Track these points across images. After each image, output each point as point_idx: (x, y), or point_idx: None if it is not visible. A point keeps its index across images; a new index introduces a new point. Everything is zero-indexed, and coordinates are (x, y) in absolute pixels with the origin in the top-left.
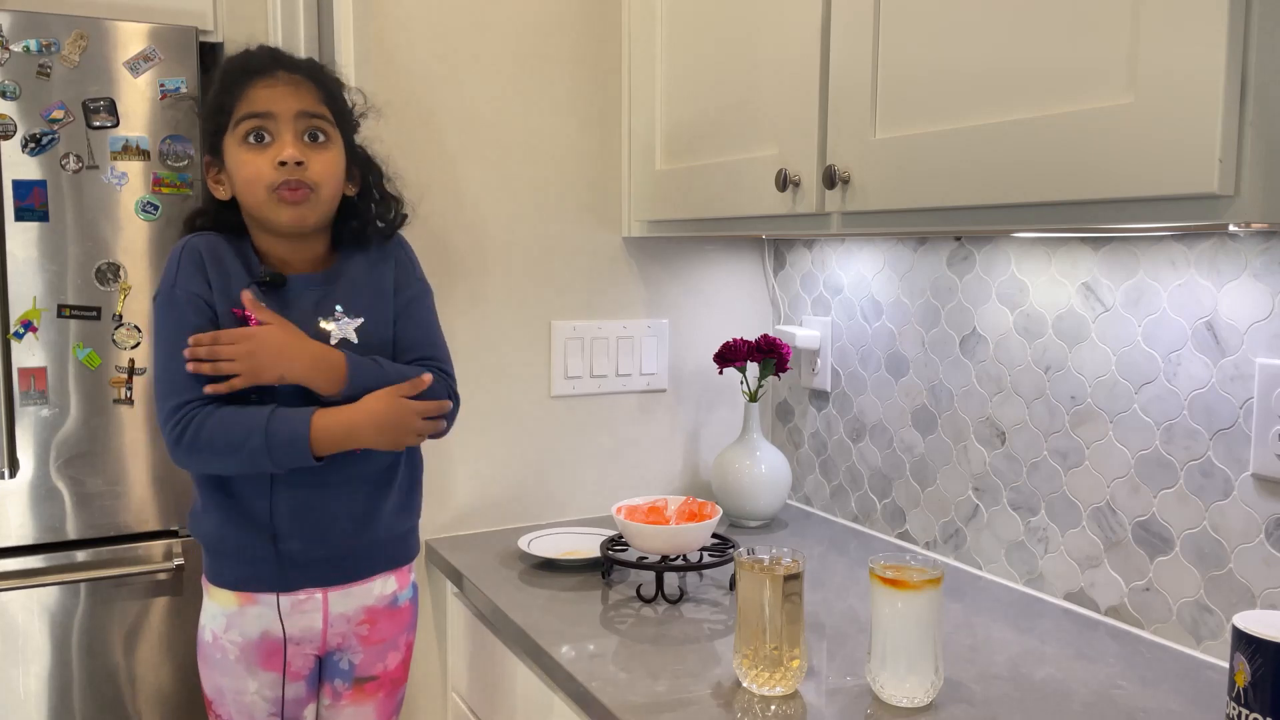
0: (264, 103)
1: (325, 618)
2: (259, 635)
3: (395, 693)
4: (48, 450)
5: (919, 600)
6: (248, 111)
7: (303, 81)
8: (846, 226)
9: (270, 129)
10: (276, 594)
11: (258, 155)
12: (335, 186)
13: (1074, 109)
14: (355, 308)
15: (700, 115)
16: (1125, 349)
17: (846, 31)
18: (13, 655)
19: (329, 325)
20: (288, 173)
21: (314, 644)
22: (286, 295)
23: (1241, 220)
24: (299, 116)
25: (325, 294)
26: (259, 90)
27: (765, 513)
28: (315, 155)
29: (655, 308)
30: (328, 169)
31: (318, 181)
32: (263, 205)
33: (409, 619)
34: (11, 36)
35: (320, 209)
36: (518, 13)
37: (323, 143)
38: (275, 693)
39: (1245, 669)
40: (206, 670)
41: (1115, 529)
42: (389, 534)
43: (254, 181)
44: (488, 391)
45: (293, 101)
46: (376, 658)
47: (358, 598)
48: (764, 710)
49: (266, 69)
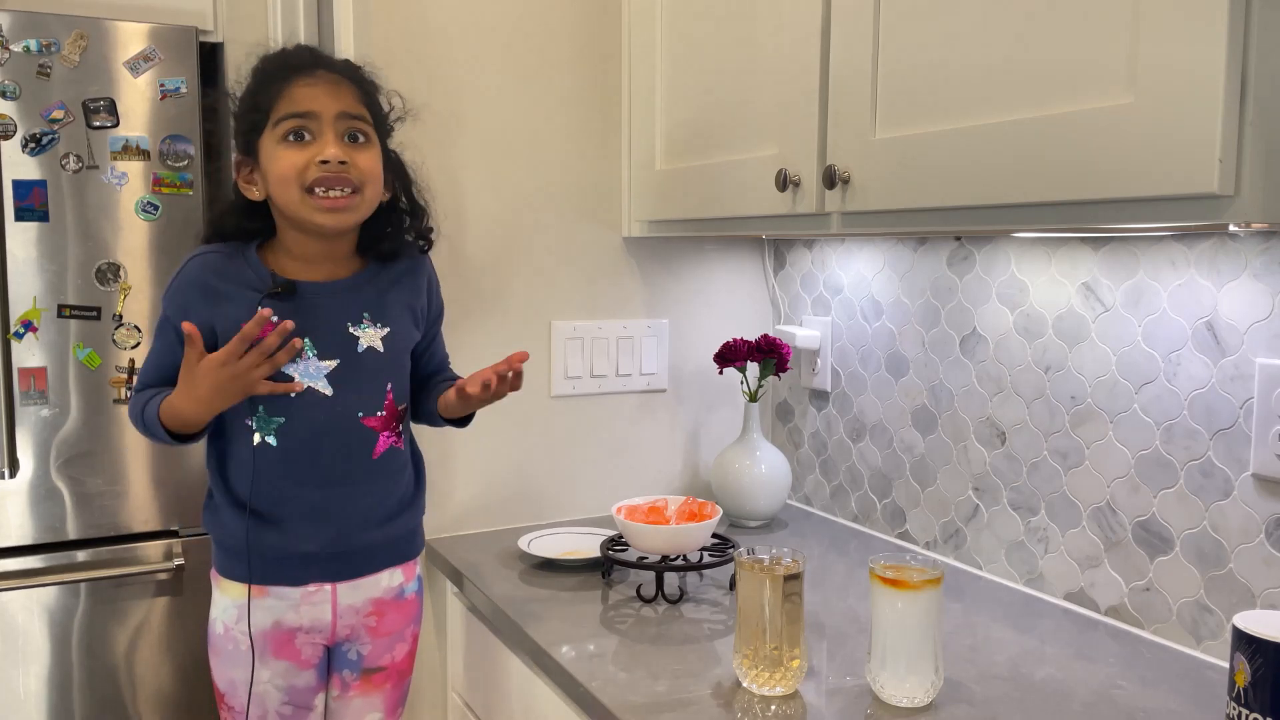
0: (306, 101)
1: (334, 609)
2: (270, 625)
3: (402, 684)
4: (48, 450)
5: (919, 600)
6: (289, 111)
7: (342, 81)
8: (846, 226)
9: (312, 128)
10: (286, 587)
11: (298, 152)
12: (378, 186)
13: (1074, 109)
14: (382, 318)
15: (700, 115)
16: (1125, 349)
17: (846, 31)
18: (13, 655)
19: (357, 331)
20: (330, 170)
21: (323, 634)
22: (315, 299)
23: (1241, 220)
24: (340, 117)
25: (352, 300)
26: (300, 89)
27: (765, 513)
28: (357, 154)
29: (655, 308)
30: (370, 167)
31: (361, 180)
32: (297, 205)
33: (415, 611)
34: (11, 36)
35: (362, 209)
36: (517, 12)
37: (363, 143)
38: (288, 681)
39: (1245, 669)
40: (218, 663)
41: (1115, 529)
42: (397, 531)
43: (291, 177)
44: None
45: (334, 102)
46: (384, 649)
47: (366, 590)
48: (764, 710)
49: (307, 67)
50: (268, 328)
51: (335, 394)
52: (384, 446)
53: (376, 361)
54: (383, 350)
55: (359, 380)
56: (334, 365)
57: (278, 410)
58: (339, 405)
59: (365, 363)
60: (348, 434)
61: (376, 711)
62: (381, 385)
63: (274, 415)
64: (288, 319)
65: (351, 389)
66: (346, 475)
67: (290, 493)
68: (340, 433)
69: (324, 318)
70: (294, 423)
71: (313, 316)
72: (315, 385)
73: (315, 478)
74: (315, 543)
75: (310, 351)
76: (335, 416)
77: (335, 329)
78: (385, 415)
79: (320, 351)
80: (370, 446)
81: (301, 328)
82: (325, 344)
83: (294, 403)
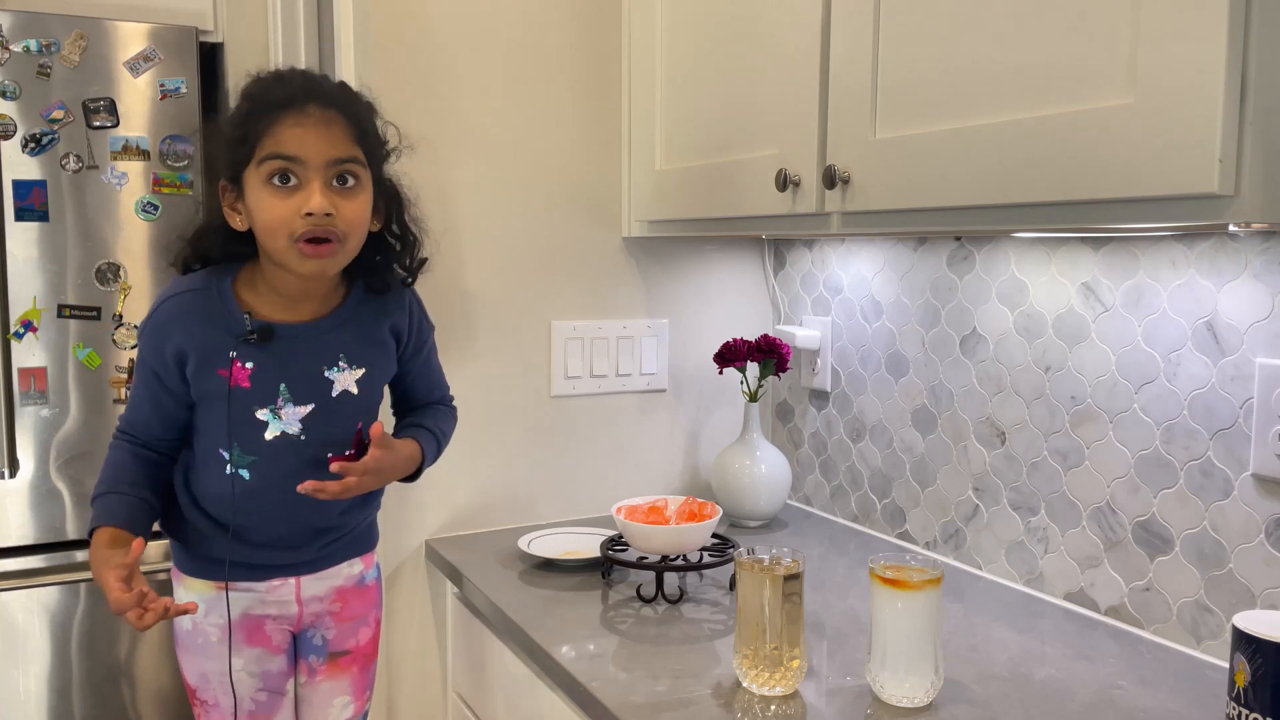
0: (293, 145)
1: (299, 599)
2: (239, 614)
3: (368, 667)
4: (48, 450)
5: (919, 600)
6: (275, 151)
7: (335, 119)
8: (846, 226)
9: (297, 173)
10: (252, 582)
11: (283, 201)
12: (361, 234)
13: (1074, 109)
14: (358, 359)
15: (700, 115)
16: (1125, 349)
17: (846, 31)
18: (13, 655)
19: (331, 374)
20: (314, 223)
21: (290, 621)
22: (292, 343)
23: (1241, 220)
24: (330, 164)
25: (329, 343)
26: (288, 129)
27: (765, 513)
28: (344, 203)
29: (655, 308)
30: (356, 216)
31: (345, 232)
32: (284, 253)
33: (376, 597)
34: (11, 36)
35: (344, 258)
36: (518, 12)
37: (352, 187)
38: (261, 667)
39: (1245, 669)
40: (188, 659)
41: (1115, 529)
42: (352, 531)
43: (277, 229)
44: (488, 392)
45: (324, 146)
46: (349, 633)
47: (328, 580)
48: (764, 710)
49: (296, 102)
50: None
51: (307, 438)
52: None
53: (350, 404)
54: (357, 393)
55: (331, 424)
56: (309, 410)
57: (249, 450)
58: (309, 449)
59: (339, 407)
60: (314, 474)
61: (344, 694)
62: (353, 425)
63: (247, 454)
64: (266, 367)
65: (322, 432)
66: (314, 510)
67: (258, 520)
68: (308, 473)
69: (300, 362)
70: (264, 461)
71: (289, 361)
72: (289, 430)
73: (283, 512)
74: (282, 559)
75: (284, 398)
76: (305, 458)
77: (310, 374)
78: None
79: (295, 398)
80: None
81: (277, 373)
82: (300, 390)
83: (266, 444)
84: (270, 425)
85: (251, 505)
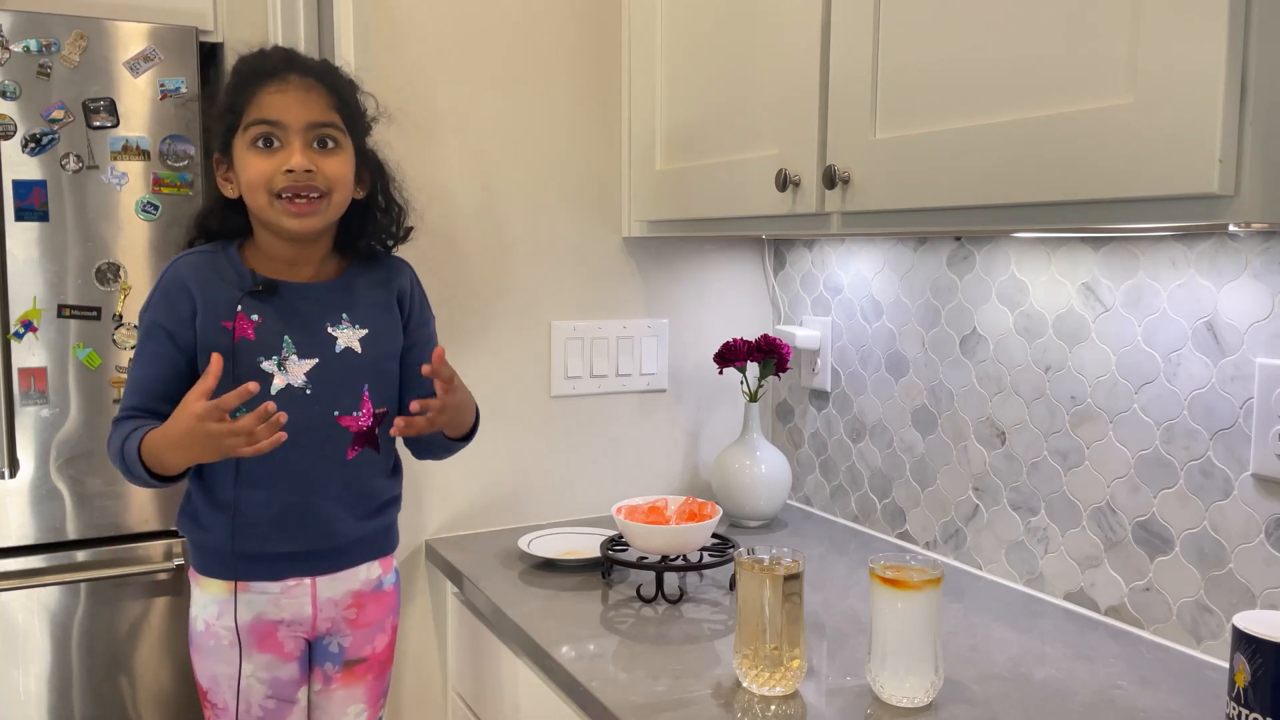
0: (275, 110)
1: (314, 602)
2: (252, 618)
3: (383, 675)
4: (48, 450)
5: (919, 600)
6: (258, 117)
7: (314, 86)
8: (846, 226)
9: (279, 136)
10: (266, 582)
11: (265, 159)
12: (346, 191)
13: (1074, 109)
14: (360, 320)
15: (700, 115)
16: (1125, 349)
17: (846, 31)
18: (13, 655)
19: (335, 331)
20: (294, 179)
21: (304, 627)
22: (294, 300)
23: (1241, 220)
24: (309, 128)
25: (332, 302)
26: (270, 95)
27: (765, 513)
28: (324, 160)
29: (655, 308)
30: (336, 173)
31: (329, 184)
32: (266, 209)
33: (393, 603)
34: (11, 36)
35: (329, 213)
36: (518, 12)
37: (332, 148)
38: (271, 674)
39: (1245, 669)
40: (201, 660)
41: (1115, 529)
42: (373, 528)
43: (259, 184)
44: (488, 392)
45: (303, 111)
46: (365, 640)
47: (344, 583)
48: (764, 710)
49: (278, 72)
50: (258, 412)
51: (313, 392)
52: (358, 449)
53: (354, 362)
54: (360, 351)
55: (336, 379)
56: (313, 364)
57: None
58: (316, 404)
59: (343, 362)
60: (323, 433)
61: (359, 703)
62: (358, 386)
63: None
64: (271, 321)
65: (329, 388)
66: (321, 475)
67: (267, 494)
68: (315, 430)
69: (303, 317)
70: None
71: (293, 316)
72: (294, 384)
73: (291, 477)
74: (293, 544)
75: (289, 349)
76: (312, 415)
77: (314, 328)
78: (362, 416)
79: (300, 351)
80: (344, 447)
81: (281, 326)
82: (304, 343)
83: (271, 400)
84: (275, 377)
85: (261, 474)
